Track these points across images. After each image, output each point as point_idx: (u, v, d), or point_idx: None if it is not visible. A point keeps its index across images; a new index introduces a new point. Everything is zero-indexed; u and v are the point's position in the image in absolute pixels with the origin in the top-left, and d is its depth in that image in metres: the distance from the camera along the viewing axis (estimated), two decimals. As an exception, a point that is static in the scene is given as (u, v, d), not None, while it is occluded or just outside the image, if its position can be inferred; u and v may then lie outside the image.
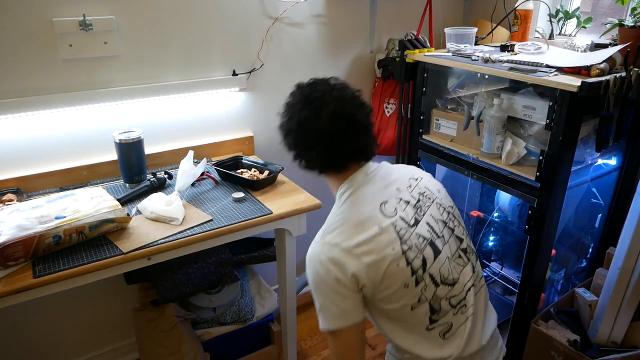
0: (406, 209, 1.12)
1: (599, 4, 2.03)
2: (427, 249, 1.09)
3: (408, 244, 1.07)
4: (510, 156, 1.60)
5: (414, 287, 1.06)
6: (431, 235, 1.11)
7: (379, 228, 1.05)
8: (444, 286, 1.10)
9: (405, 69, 1.92)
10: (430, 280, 1.08)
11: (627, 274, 1.46)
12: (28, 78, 1.47)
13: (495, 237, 2.23)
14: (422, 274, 1.07)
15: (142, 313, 1.70)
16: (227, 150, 1.91)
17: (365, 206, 1.09)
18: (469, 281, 1.14)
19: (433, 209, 1.16)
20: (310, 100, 1.11)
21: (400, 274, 1.05)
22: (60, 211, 1.27)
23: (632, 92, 1.43)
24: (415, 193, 1.16)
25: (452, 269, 1.12)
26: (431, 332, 1.10)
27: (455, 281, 1.12)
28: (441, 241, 1.12)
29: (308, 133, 1.10)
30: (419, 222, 1.11)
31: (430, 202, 1.17)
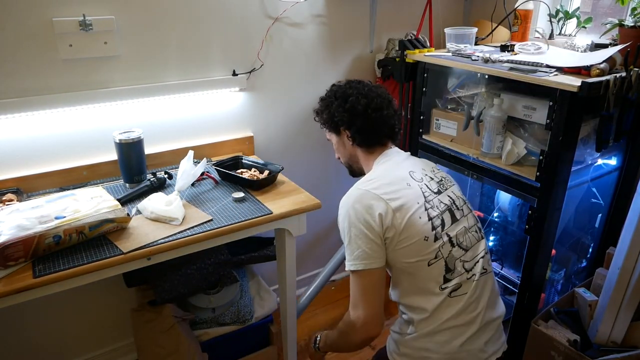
0: (430, 182, 1.27)
1: (599, 4, 2.03)
2: (446, 213, 1.22)
3: (431, 204, 1.21)
4: (510, 156, 1.60)
5: (432, 242, 1.17)
6: (451, 205, 1.25)
7: (407, 185, 1.21)
8: (459, 248, 1.21)
9: (405, 69, 1.92)
10: (447, 240, 1.20)
11: (627, 274, 1.46)
12: (28, 78, 1.47)
13: (495, 237, 2.23)
14: (441, 232, 1.19)
15: (140, 313, 1.70)
16: (227, 150, 1.91)
17: (397, 170, 1.26)
18: (481, 253, 1.25)
19: (455, 189, 1.31)
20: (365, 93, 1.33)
21: (422, 226, 1.17)
22: (60, 211, 1.27)
23: (632, 92, 1.43)
24: (437, 175, 1.32)
25: (467, 237, 1.24)
26: (443, 292, 1.18)
27: (468, 248, 1.23)
28: (460, 213, 1.26)
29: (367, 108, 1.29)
30: (441, 192, 1.26)
31: (451, 184, 1.32)
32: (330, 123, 1.35)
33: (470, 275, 1.21)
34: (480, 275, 1.23)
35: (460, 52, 1.77)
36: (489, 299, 1.24)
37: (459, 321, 1.19)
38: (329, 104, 1.35)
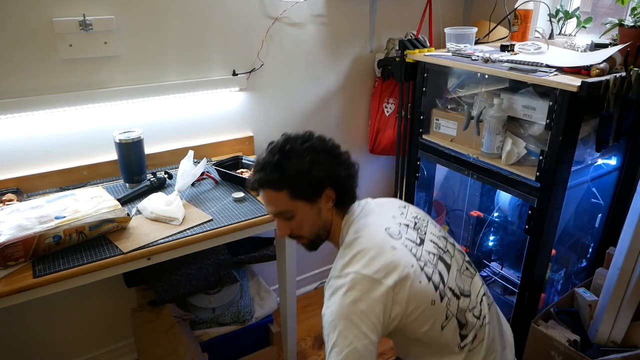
0: (408, 231, 1.13)
1: (599, 4, 2.03)
2: (439, 263, 1.10)
3: (422, 260, 1.06)
4: (510, 156, 1.60)
5: (439, 303, 1.04)
6: (437, 250, 1.13)
7: (393, 249, 1.04)
8: (464, 298, 1.10)
9: (405, 69, 1.92)
10: (451, 294, 1.08)
11: (627, 274, 1.46)
12: (28, 78, 1.47)
13: (495, 237, 2.23)
14: (444, 288, 1.07)
15: (140, 314, 1.70)
16: (227, 150, 1.91)
17: (373, 234, 1.08)
18: (480, 290, 1.17)
19: (431, 228, 1.19)
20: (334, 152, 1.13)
21: (425, 291, 1.03)
22: (60, 211, 1.27)
23: (632, 92, 1.43)
24: (409, 217, 1.19)
25: (463, 280, 1.14)
26: (463, 350, 1.08)
27: (470, 292, 1.13)
28: (448, 255, 1.15)
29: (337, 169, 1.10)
30: (424, 241, 1.13)
31: (426, 223, 1.20)
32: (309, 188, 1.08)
33: (482, 320, 1.12)
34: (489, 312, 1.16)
35: (460, 52, 1.77)
36: (500, 328, 1.21)
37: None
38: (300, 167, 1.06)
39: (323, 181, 1.09)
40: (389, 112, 2.17)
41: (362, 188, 2.46)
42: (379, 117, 2.19)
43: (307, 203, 1.09)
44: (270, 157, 1.07)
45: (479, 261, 2.22)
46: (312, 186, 1.08)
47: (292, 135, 1.11)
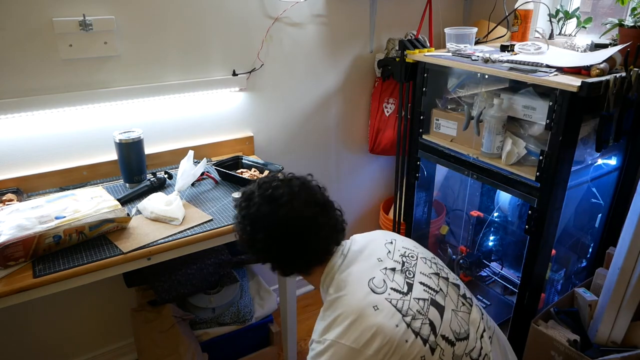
0: (394, 277, 1.06)
1: (599, 4, 2.03)
2: (431, 309, 1.04)
3: (410, 314, 1.00)
4: (510, 156, 1.60)
5: (430, 357, 0.99)
6: (429, 294, 1.06)
7: (375, 309, 0.99)
8: (460, 343, 1.04)
9: (405, 69, 1.92)
10: (445, 343, 1.02)
11: (627, 274, 1.46)
12: (28, 78, 1.47)
13: (495, 237, 2.23)
14: (435, 339, 1.01)
15: (140, 314, 1.70)
16: (227, 150, 1.91)
17: (354, 293, 1.02)
18: (480, 326, 1.10)
19: (420, 266, 1.12)
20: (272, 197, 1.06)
21: (413, 350, 0.97)
22: (60, 211, 1.27)
23: (632, 92, 1.43)
24: (397, 257, 1.12)
25: (460, 321, 1.07)
26: None
27: (467, 333, 1.07)
28: (441, 296, 1.08)
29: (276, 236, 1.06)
30: (412, 286, 1.06)
31: (415, 260, 1.13)
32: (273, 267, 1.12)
33: (483, 358, 1.08)
34: (492, 346, 1.10)
35: (460, 52, 1.77)
36: (504, 356, 1.16)
37: None
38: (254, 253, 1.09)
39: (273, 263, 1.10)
40: (389, 112, 2.17)
41: (362, 188, 2.46)
42: (379, 117, 2.19)
43: None
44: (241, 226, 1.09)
45: (479, 261, 2.22)
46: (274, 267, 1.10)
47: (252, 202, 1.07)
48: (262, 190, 1.07)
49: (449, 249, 2.30)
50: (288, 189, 1.06)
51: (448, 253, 2.29)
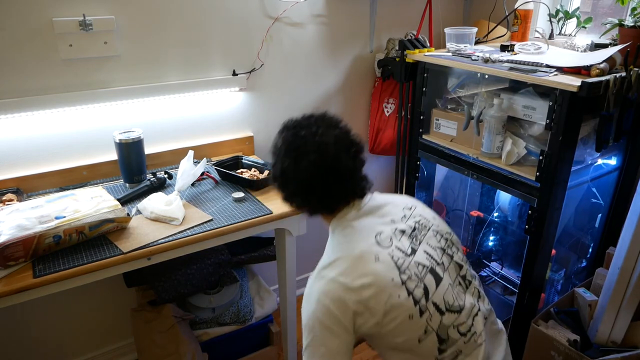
0: (402, 238, 1.09)
1: (599, 4, 2.03)
2: (428, 276, 1.06)
3: (407, 273, 1.04)
4: (510, 156, 1.60)
5: (418, 318, 1.02)
6: (430, 262, 1.09)
7: (376, 259, 1.03)
8: (450, 314, 1.07)
9: (405, 69, 1.92)
10: (434, 309, 1.05)
11: (627, 274, 1.46)
12: (28, 78, 1.47)
13: (495, 237, 2.23)
14: (426, 303, 1.04)
15: (139, 313, 1.70)
16: (227, 150, 1.91)
17: (360, 241, 1.06)
18: (475, 308, 1.11)
19: (430, 237, 1.14)
20: (291, 148, 1.09)
21: (403, 305, 1.01)
22: (60, 211, 1.27)
23: (632, 92, 1.43)
24: (411, 222, 1.14)
25: (456, 295, 1.09)
26: None
27: (461, 308, 1.09)
28: (441, 268, 1.10)
29: (290, 182, 1.10)
30: (416, 251, 1.09)
31: (426, 231, 1.15)
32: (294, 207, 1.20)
33: (470, 337, 1.09)
34: (483, 329, 1.11)
35: (460, 52, 1.77)
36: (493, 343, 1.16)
37: None
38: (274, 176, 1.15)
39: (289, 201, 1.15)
40: (389, 112, 2.17)
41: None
42: (379, 117, 2.19)
43: None
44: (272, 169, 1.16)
45: (479, 261, 2.22)
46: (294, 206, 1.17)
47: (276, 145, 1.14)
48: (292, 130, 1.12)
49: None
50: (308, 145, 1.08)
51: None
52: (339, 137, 1.11)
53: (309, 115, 1.15)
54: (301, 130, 1.10)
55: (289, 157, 1.09)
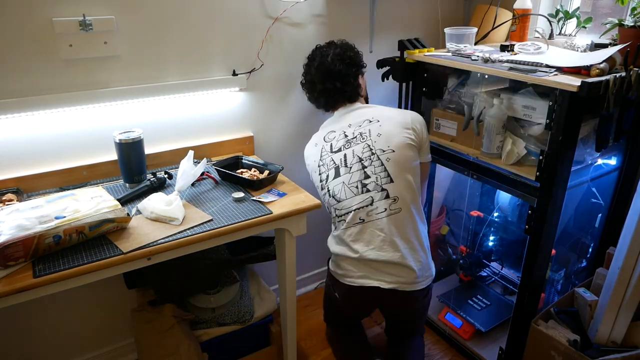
0: (340, 140, 1.65)
1: (599, 4, 2.03)
2: (331, 170, 1.62)
3: (323, 161, 1.65)
4: (510, 156, 1.60)
5: (320, 190, 1.66)
6: (340, 163, 1.61)
7: (315, 146, 1.71)
8: (332, 198, 1.61)
9: (405, 69, 1.92)
10: (327, 191, 1.63)
11: (627, 274, 1.47)
12: (28, 78, 1.47)
13: (495, 237, 2.23)
14: (325, 185, 1.63)
15: (140, 314, 1.70)
16: (227, 150, 1.91)
17: (320, 131, 1.75)
18: (356, 205, 1.56)
19: (358, 147, 1.61)
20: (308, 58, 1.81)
21: (316, 177, 1.68)
22: (60, 211, 1.27)
23: (632, 92, 1.43)
24: (356, 132, 1.65)
25: (342, 191, 1.58)
26: (332, 223, 1.67)
27: (340, 200, 1.59)
28: (345, 170, 1.59)
29: (305, 82, 1.82)
30: (339, 151, 1.63)
31: (360, 142, 1.62)
32: None
33: (340, 220, 1.60)
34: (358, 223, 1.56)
35: (460, 52, 1.77)
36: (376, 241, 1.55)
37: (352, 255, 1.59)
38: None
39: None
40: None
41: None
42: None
43: None
44: None
45: (479, 261, 2.22)
46: None
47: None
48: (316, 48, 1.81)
49: (449, 249, 2.30)
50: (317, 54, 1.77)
51: (448, 253, 2.29)
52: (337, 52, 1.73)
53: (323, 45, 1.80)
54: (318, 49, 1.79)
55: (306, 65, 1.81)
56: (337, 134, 1.67)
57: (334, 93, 1.72)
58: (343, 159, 1.60)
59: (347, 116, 1.71)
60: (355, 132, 1.64)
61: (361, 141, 1.61)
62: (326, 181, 1.62)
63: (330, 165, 1.62)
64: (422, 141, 1.68)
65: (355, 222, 1.56)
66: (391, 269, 1.56)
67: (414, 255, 1.58)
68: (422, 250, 1.61)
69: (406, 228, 1.57)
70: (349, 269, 1.59)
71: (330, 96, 1.73)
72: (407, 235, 1.57)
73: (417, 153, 1.65)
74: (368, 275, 1.56)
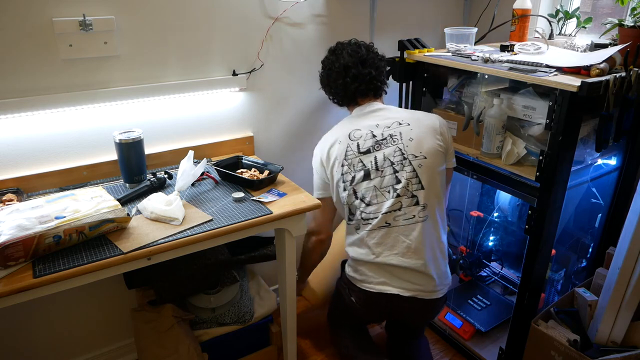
0: (367, 140, 1.58)
1: (599, 4, 2.03)
2: (360, 173, 1.56)
3: (348, 161, 1.58)
4: (510, 156, 1.61)
5: (342, 191, 1.60)
6: (370, 166, 1.56)
7: (339, 143, 1.61)
8: (360, 202, 1.56)
9: (405, 69, 1.92)
10: (352, 192, 1.57)
11: (627, 274, 1.47)
12: (28, 78, 1.47)
13: (495, 237, 2.23)
14: (349, 186, 1.58)
15: (140, 314, 1.70)
16: (227, 150, 1.91)
17: (342, 128, 1.65)
18: (385, 209, 1.53)
19: (389, 150, 1.56)
20: (334, 48, 1.75)
21: (335, 176, 1.61)
22: (60, 211, 1.27)
23: (632, 92, 1.43)
24: (385, 133, 1.58)
25: (373, 195, 1.54)
26: (349, 226, 1.63)
27: (370, 204, 1.55)
28: (376, 173, 1.55)
29: (324, 83, 1.78)
30: (369, 153, 1.57)
31: (391, 144, 1.56)
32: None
33: (366, 223, 1.55)
34: (384, 227, 1.54)
35: (460, 52, 1.77)
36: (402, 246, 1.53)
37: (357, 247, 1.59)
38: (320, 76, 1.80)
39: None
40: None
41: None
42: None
43: None
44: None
45: (479, 261, 2.22)
46: None
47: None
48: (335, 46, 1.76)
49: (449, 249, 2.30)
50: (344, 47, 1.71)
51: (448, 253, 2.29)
52: (367, 45, 1.73)
53: (349, 40, 1.75)
54: (343, 42, 1.75)
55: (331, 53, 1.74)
56: (363, 133, 1.59)
57: (369, 80, 1.64)
58: (374, 162, 1.55)
59: (372, 115, 1.64)
60: (385, 134, 1.57)
61: (392, 144, 1.55)
62: (352, 182, 1.56)
63: (358, 166, 1.56)
64: (448, 146, 1.63)
65: (381, 225, 1.53)
66: (411, 276, 1.54)
67: (435, 263, 1.57)
68: (443, 259, 1.60)
69: (431, 236, 1.55)
70: (369, 274, 1.57)
71: (364, 82, 1.64)
72: (431, 244, 1.55)
73: (444, 159, 1.61)
74: (387, 281, 1.55)
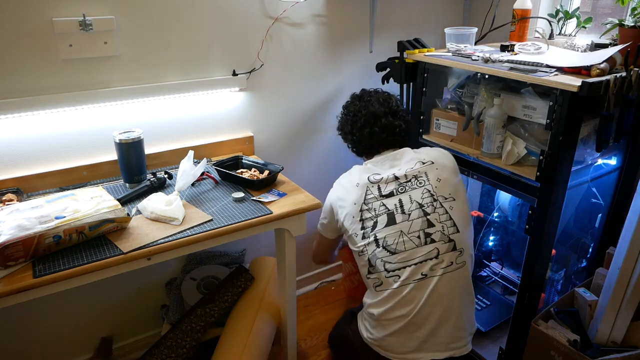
0: (390, 183, 1.45)
1: (599, 4, 2.03)
2: (382, 217, 1.40)
3: (369, 205, 1.43)
4: (510, 156, 1.60)
5: (360, 239, 1.43)
6: (394, 209, 1.41)
7: (357, 187, 1.46)
8: (383, 250, 1.39)
9: (405, 70, 1.91)
10: (373, 240, 1.40)
11: (627, 274, 1.46)
12: (28, 78, 1.47)
13: (495, 237, 2.23)
14: (370, 233, 1.41)
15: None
16: (227, 150, 1.91)
17: (362, 172, 1.50)
18: (419, 258, 1.37)
19: (416, 192, 1.43)
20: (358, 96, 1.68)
21: (352, 224, 1.44)
22: (60, 211, 1.27)
23: (632, 92, 1.43)
24: (409, 174, 1.46)
25: (400, 241, 1.38)
26: (368, 281, 1.45)
27: (395, 251, 1.38)
28: (403, 217, 1.40)
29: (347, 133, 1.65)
30: (392, 196, 1.43)
31: (417, 186, 1.43)
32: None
33: (392, 276, 1.38)
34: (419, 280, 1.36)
35: (460, 52, 1.77)
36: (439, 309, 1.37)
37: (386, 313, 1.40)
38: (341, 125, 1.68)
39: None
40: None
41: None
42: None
43: None
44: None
45: (479, 261, 2.22)
46: None
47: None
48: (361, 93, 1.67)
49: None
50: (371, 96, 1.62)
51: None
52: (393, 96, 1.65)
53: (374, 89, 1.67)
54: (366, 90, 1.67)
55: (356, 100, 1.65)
56: (384, 177, 1.45)
57: (398, 132, 1.56)
58: (398, 204, 1.40)
59: (391, 158, 1.53)
60: (409, 175, 1.44)
61: (418, 185, 1.42)
62: (373, 229, 1.40)
63: (380, 210, 1.40)
64: None
65: (415, 278, 1.36)
66: (444, 331, 1.41)
67: (468, 311, 1.47)
68: (473, 305, 1.51)
69: (468, 284, 1.46)
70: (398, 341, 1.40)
71: (393, 134, 1.55)
72: (467, 291, 1.46)
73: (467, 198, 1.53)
74: (420, 347, 1.39)
